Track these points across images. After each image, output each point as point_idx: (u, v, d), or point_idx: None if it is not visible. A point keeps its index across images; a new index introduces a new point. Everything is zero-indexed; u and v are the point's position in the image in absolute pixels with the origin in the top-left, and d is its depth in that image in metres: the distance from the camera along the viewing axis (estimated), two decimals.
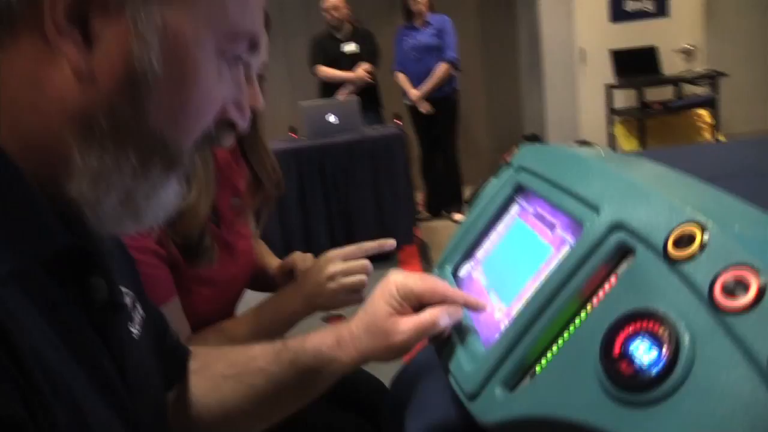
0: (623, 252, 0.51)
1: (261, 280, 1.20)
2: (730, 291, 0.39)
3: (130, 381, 0.48)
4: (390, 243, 0.97)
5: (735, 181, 0.72)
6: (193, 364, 0.68)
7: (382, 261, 3.73)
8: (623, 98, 4.70)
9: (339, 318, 3.33)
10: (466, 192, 4.48)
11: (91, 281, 0.45)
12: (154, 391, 0.55)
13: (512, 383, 0.54)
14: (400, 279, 0.66)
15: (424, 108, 4.21)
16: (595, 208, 0.57)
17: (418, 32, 4.19)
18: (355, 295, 0.98)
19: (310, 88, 4.57)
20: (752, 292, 0.38)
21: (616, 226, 0.52)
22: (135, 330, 0.54)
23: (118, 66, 0.39)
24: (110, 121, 0.40)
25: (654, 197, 0.51)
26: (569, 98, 4.74)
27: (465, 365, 0.61)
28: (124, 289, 0.54)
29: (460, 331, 0.68)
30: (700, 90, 4.54)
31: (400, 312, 0.65)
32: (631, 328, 0.43)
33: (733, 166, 1.32)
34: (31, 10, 0.37)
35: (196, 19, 0.42)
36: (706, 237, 0.43)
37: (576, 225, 0.61)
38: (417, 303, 0.66)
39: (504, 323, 0.63)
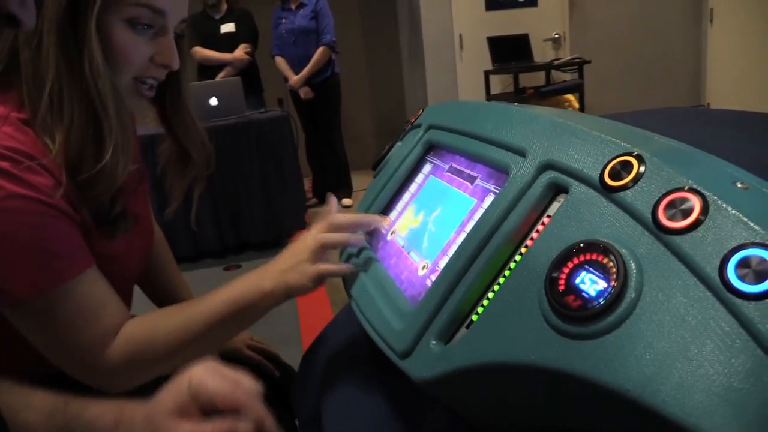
0: (555, 192, 0.50)
1: (158, 290, 1.09)
2: (673, 213, 0.39)
3: None
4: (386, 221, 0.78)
5: None
6: None
7: (272, 248, 3.63)
8: (500, 83, 4.92)
9: (236, 267, 3.20)
10: (354, 179, 4.47)
11: None
12: None
13: (448, 335, 0.52)
14: (198, 374, 0.57)
15: (304, 93, 4.14)
16: (520, 152, 0.56)
17: (294, 15, 4.10)
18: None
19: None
20: (696, 211, 0.38)
21: (546, 167, 0.51)
22: None
23: None
24: None
25: (583, 135, 0.50)
26: (450, 83, 4.87)
27: (394, 324, 0.58)
28: None
29: (383, 292, 0.65)
30: (568, 76, 4.84)
31: (184, 412, 0.56)
32: (575, 261, 0.42)
33: None
34: None
35: None
36: (642, 167, 0.43)
37: (499, 173, 0.60)
38: (210, 406, 0.56)
39: (430, 279, 0.61)
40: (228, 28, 4.11)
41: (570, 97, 4.71)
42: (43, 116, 0.69)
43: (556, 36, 4.98)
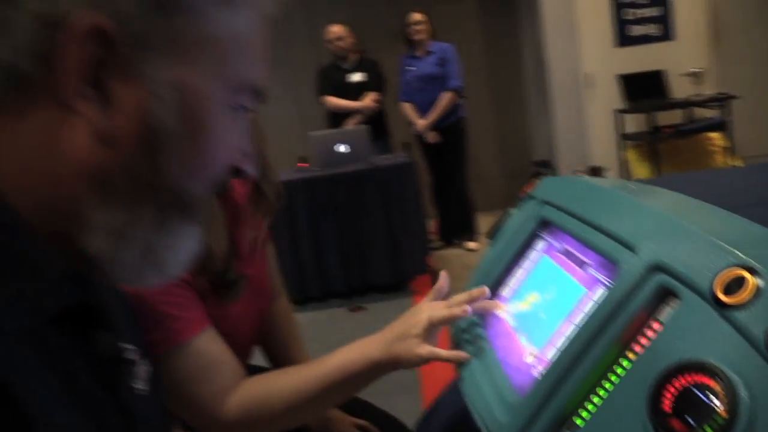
0: (664, 295, 0.49)
1: (273, 349, 1.16)
2: None
3: None
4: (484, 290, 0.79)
5: (757, 210, 0.69)
6: None
7: (395, 291, 3.67)
8: (633, 123, 4.69)
9: (361, 309, 3.32)
10: (480, 220, 4.45)
11: (96, 335, 0.44)
12: None
13: None
14: None
15: (431, 138, 4.21)
16: (630, 247, 0.54)
17: (421, 62, 4.21)
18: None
19: (318, 119, 4.61)
20: None
21: (656, 268, 0.50)
22: (142, 386, 0.53)
23: (135, 124, 0.39)
24: (128, 178, 0.40)
25: (695, 236, 0.48)
26: (577, 124, 4.73)
27: (498, 414, 0.58)
28: (128, 346, 0.53)
29: (490, 377, 0.65)
30: (711, 113, 4.52)
31: None
32: (681, 381, 0.41)
33: (752, 194, 1.29)
34: (47, 75, 0.36)
35: (206, 75, 0.42)
36: (759, 282, 0.40)
37: (610, 264, 0.58)
38: None
39: (537, 369, 0.60)
40: (357, 77, 4.31)
41: (714, 135, 4.38)
42: None
43: (697, 70, 4.68)
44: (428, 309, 0.79)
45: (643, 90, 4.51)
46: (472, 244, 4.36)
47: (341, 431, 1.07)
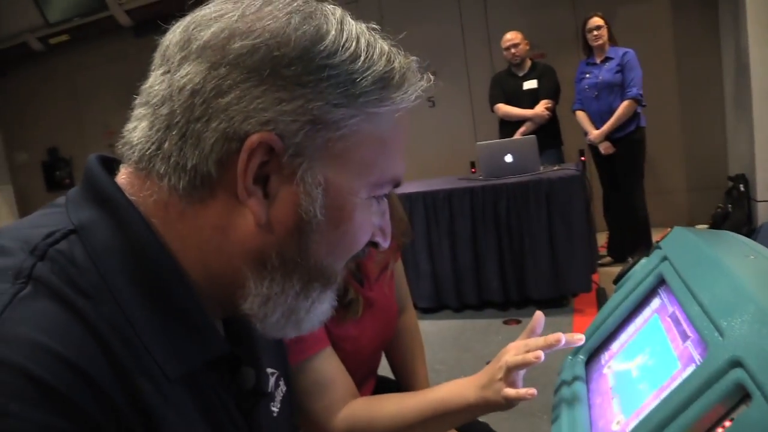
0: (743, 395, 0.46)
1: (396, 360, 1.23)
2: None
3: None
4: (579, 338, 0.80)
5: None
6: None
7: (555, 307, 3.56)
8: None
9: (516, 322, 3.27)
10: (655, 236, 4.13)
11: (241, 371, 0.53)
12: None
13: None
14: None
15: (604, 148, 3.98)
16: (720, 331, 0.51)
17: (599, 68, 3.99)
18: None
19: (493, 124, 4.60)
20: None
21: (736, 363, 0.47)
22: (275, 408, 0.62)
23: (289, 215, 0.48)
24: (280, 258, 0.49)
25: None
26: None
27: None
28: (270, 370, 0.62)
29: None
30: None
31: None
32: None
33: None
34: (227, 176, 0.46)
35: (351, 174, 0.49)
36: None
37: (704, 343, 0.55)
38: None
39: None
40: (530, 84, 4.22)
41: None
42: None
43: None
44: (508, 353, 0.82)
45: None
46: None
47: None
